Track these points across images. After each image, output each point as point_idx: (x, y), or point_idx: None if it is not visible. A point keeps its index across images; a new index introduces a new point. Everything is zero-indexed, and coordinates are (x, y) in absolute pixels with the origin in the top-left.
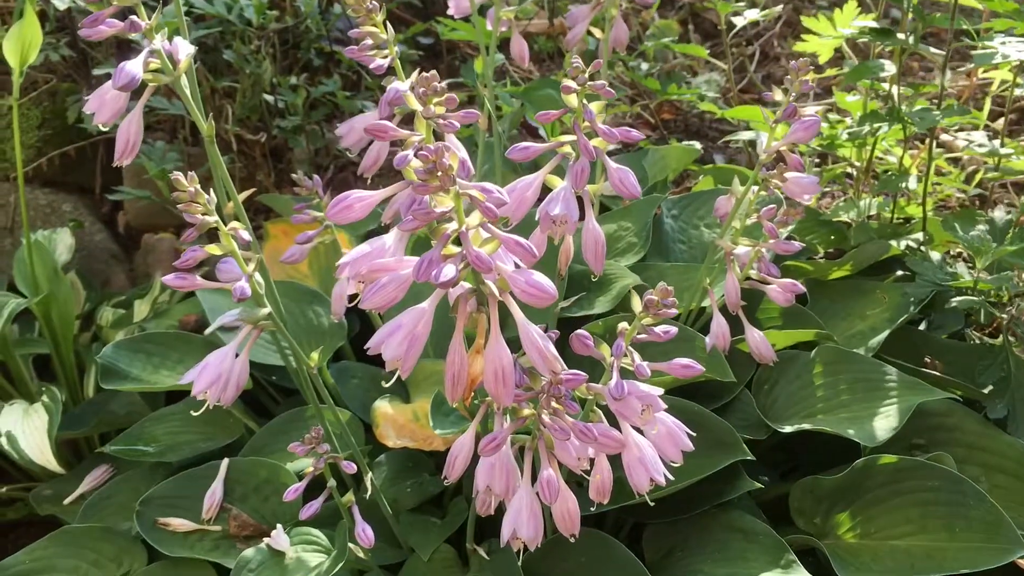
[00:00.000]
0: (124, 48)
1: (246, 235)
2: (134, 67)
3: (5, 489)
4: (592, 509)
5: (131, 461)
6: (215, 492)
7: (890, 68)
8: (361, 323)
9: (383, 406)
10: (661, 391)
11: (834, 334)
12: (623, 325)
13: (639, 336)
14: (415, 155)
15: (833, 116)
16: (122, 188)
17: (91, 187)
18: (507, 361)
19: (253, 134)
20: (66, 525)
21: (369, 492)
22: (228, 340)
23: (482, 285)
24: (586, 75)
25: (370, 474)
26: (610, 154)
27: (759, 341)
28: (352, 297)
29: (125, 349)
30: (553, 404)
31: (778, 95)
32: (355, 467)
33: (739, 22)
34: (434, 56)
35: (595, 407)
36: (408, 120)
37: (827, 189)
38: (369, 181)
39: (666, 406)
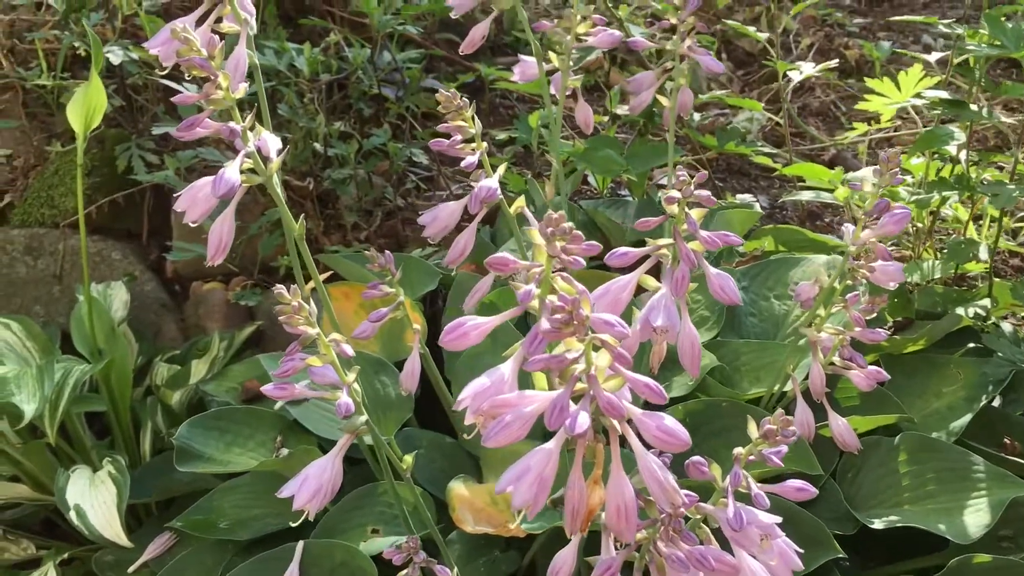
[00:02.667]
0: (173, 94)
1: (349, 349)
2: (232, 174)
3: (68, 555)
4: None
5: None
6: None
7: (959, 136)
8: (423, 389)
9: (459, 488)
10: (779, 519)
11: (912, 413)
12: (738, 451)
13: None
14: (552, 311)
15: None
16: (177, 244)
17: (139, 233)
18: (630, 497)
19: (301, 181)
20: None
21: None
22: (295, 412)
23: (603, 419)
24: (692, 187)
25: (455, 572)
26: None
27: (843, 429)
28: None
29: (198, 427)
30: (671, 533)
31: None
32: (449, 572)
33: (795, 76)
34: (474, 91)
35: (702, 524)
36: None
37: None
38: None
39: (783, 535)
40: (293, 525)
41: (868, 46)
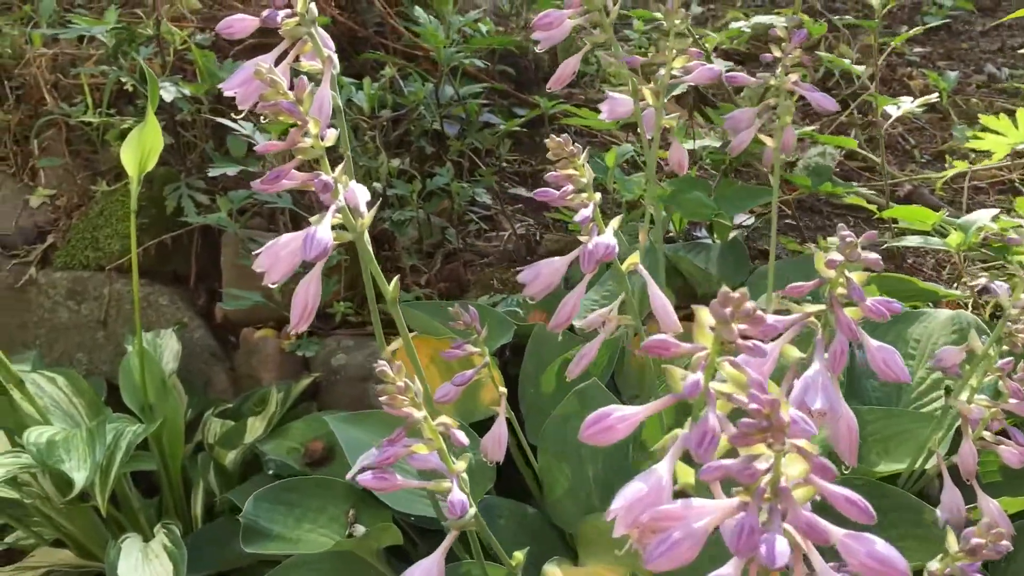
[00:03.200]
0: (222, 130)
1: (463, 437)
2: (324, 234)
3: None
4: None
5: None
6: None
7: None
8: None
9: (555, 572)
10: None
11: None
12: (932, 565)
13: None
14: (750, 419)
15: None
16: (232, 291)
17: (186, 276)
18: None
19: None
20: None
21: None
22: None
23: (786, 535)
24: (859, 249)
25: None
26: (763, 253)
27: (996, 513)
28: None
29: (265, 501)
30: None
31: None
32: None
33: (892, 111)
34: (531, 125)
35: None
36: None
37: None
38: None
39: None
40: None
41: (933, 76)
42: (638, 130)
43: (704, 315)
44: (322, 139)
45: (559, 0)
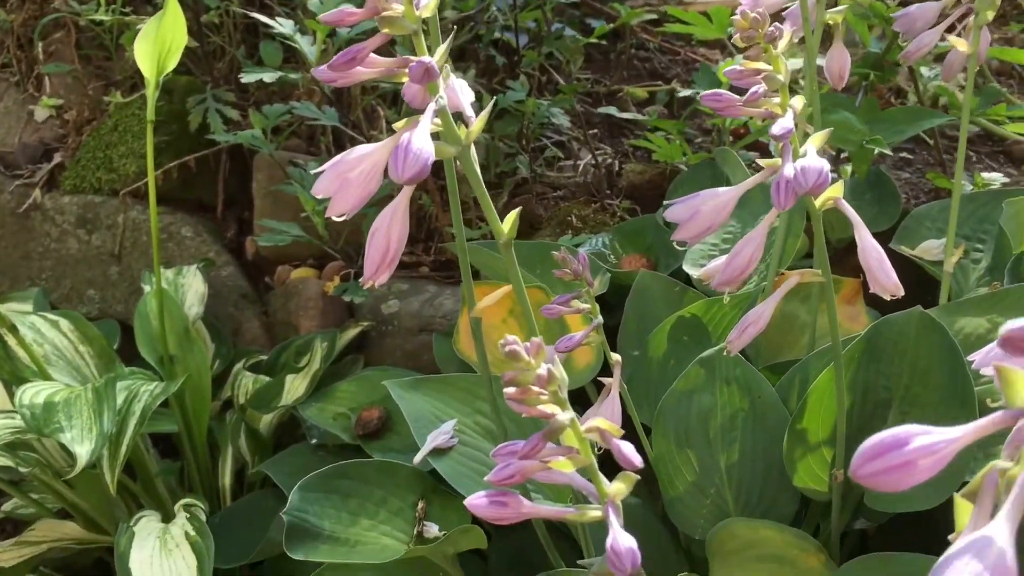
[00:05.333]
0: (255, 35)
1: (631, 452)
2: (423, 142)
3: None
4: None
5: None
6: None
7: None
8: None
9: None
10: None
11: None
12: None
13: None
14: None
15: None
16: (268, 223)
17: (212, 204)
18: None
19: None
20: None
21: None
22: (439, 466)
23: None
24: None
25: None
26: (917, 194)
27: None
28: None
29: (314, 491)
30: None
31: None
32: None
33: None
34: (609, 38)
35: None
36: None
37: None
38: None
39: None
40: None
41: None
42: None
43: None
44: (417, 7)
45: None
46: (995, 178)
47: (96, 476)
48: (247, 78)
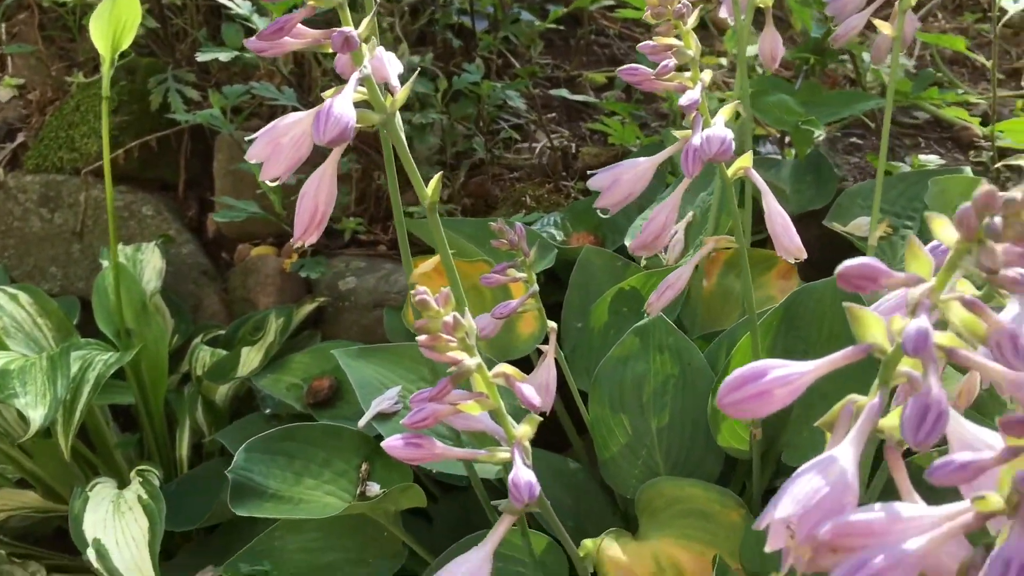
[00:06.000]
0: (218, 16)
1: (533, 396)
2: (344, 107)
3: None
4: None
5: None
6: None
7: None
8: None
9: (611, 548)
10: None
11: None
12: None
13: None
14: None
15: None
16: (226, 201)
17: (174, 184)
18: None
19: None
20: None
21: None
22: (383, 429)
23: None
24: None
25: None
26: (864, 177)
27: None
28: None
29: (259, 451)
30: None
31: None
32: None
33: (1010, 5)
34: (565, 26)
35: None
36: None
37: None
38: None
39: None
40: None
41: None
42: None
43: (943, 229)
44: None
45: None
46: (931, 159)
47: (54, 445)
48: (203, 57)
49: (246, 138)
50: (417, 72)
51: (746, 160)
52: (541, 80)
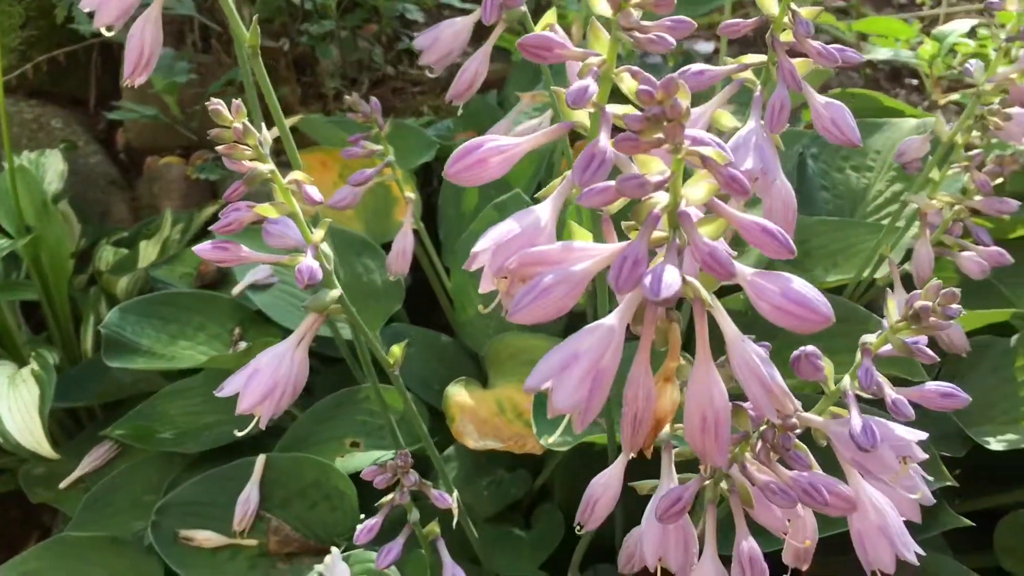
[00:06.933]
0: None
1: (316, 193)
2: None
3: None
4: None
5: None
6: (249, 498)
7: None
8: (414, 278)
9: (459, 394)
10: (924, 435)
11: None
12: (867, 339)
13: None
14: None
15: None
16: (124, 104)
17: (85, 99)
18: (722, 404)
19: (274, 40)
20: (61, 532)
21: (455, 516)
22: (257, 299)
23: (687, 286)
24: None
25: (455, 496)
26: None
27: (952, 327)
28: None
29: (134, 313)
30: (772, 455)
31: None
32: (449, 499)
33: None
34: None
35: (798, 443)
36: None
37: None
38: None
39: (926, 455)
40: (240, 434)
41: None
42: None
43: (597, 2)
44: None
45: None
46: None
47: None
48: None
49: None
50: None
51: (551, 17)
52: None
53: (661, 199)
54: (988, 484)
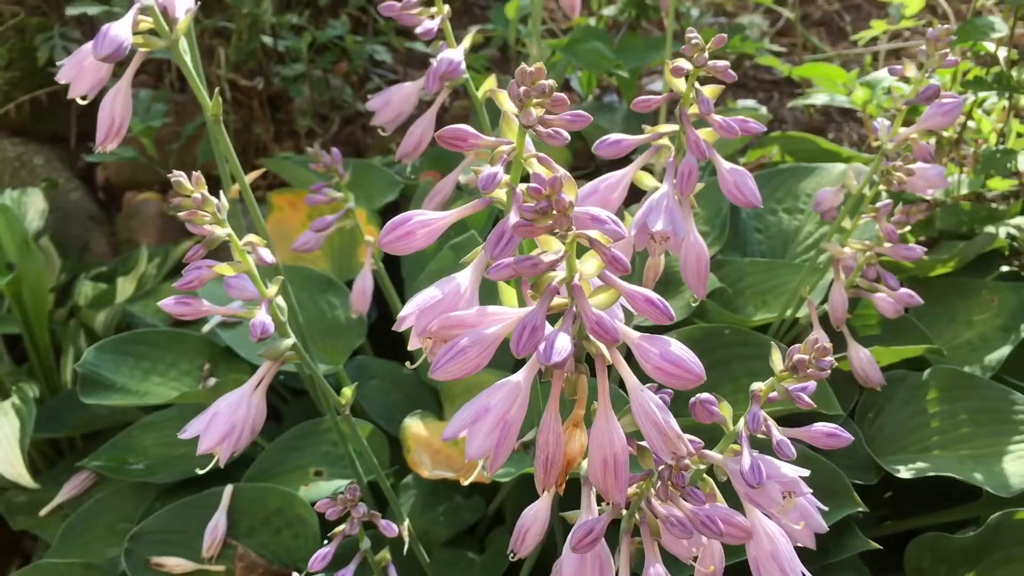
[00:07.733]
0: None
1: (268, 255)
2: (121, 30)
3: None
4: None
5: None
6: (218, 526)
7: (1001, 27)
8: (379, 312)
9: (415, 426)
10: (806, 472)
11: (939, 344)
12: (757, 387)
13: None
14: (525, 197)
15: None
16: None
17: (65, 137)
18: (620, 446)
19: (249, 80)
20: (41, 559)
21: (406, 542)
22: (226, 336)
23: (588, 344)
24: (705, 54)
25: (407, 524)
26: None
27: (866, 362)
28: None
29: (109, 352)
30: (671, 490)
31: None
32: (395, 528)
33: None
34: None
35: (704, 476)
36: (457, 95)
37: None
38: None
39: (810, 490)
40: (201, 472)
41: None
42: None
43: (505, 99)
44: None
45: None
46: (748, 103)
47: None
48: (72, 10)
49: (55, 35)
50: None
51: (491, 83)
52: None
53: (560, 273)
54: (916, 507)
